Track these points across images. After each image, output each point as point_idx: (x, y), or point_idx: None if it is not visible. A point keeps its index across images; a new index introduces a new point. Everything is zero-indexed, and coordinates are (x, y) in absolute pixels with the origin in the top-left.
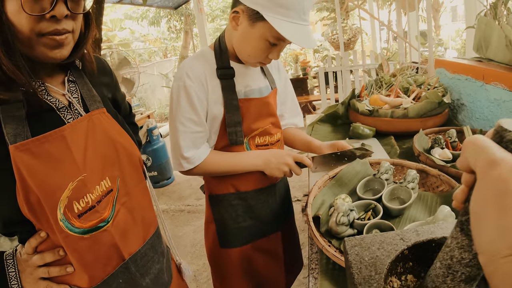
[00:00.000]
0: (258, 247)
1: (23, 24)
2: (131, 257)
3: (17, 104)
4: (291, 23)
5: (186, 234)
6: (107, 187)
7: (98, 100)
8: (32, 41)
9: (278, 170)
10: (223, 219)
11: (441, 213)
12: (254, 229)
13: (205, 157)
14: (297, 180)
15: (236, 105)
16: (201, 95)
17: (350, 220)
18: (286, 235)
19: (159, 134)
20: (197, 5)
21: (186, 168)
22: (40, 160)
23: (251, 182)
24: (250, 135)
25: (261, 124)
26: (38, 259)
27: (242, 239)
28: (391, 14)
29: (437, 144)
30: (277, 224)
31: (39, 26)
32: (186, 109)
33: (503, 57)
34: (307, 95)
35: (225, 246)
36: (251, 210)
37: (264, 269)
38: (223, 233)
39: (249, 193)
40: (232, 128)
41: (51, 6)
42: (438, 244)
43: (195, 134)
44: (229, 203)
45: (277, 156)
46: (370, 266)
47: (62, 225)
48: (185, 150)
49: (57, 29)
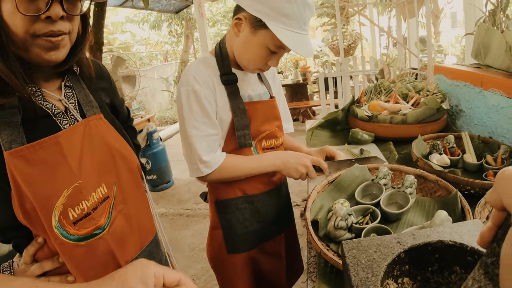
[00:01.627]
0: (264, 250)
1: (18, 25)
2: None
3: (12, 110)
4: (292, 32)
5: (184, 238)
6: (103, 194)
7: (95, 106)
8: (27, 43)
9: (295, 171)
10: (231, 224)
11: (438, 218)
12: (260, 232)
13: (222, 160)
14: (296, 185)
15: (243, 109)
16: (210, 98)
17: (348, 225)
18: (288, 236)
19: (159, 138)
20: (198, 9)
21: (205, 173)
22: (35, 167)
23: (258, 185)
24: (258, 138)
25: (268, 127)
26: (37, 268)
27: (250, 243)
28: (391, 20)
29: (435, 150)
30: (281, 226)
31: (34, 27)
32: (198, 112)
33: (501, 63)
34: (307, 101)
35: (233, 252)
36: (258, 213)
37: (269, 272)
38: (231, 239)
39: (256, 196)
40: (240, 131)
41: (46, 7)
42: (434, 247)
43: (211, 137)
44: (236, 207)
45: (296, 157)
46: (367, 268)
47: (57, 232)
48: (203, 154)
49: (52, 31)
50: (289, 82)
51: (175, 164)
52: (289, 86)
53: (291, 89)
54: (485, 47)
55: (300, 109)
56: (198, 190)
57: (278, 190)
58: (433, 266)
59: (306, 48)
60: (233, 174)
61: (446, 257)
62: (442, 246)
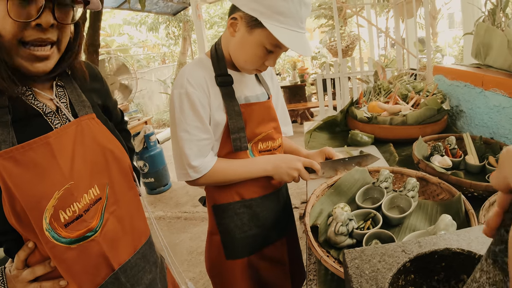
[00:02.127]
0: (264, 256)
1: (7, 30)
2: (120, 267)
3: (2, 110)
4: (289, 30)
5: (182, 241)
6: (95, 195)
7: (87, 106)
8: (12, 51)
9: (287, 175)
10: (229, 229)
11: (442, 222)
12: (260, 237)
13: (212, 165)
14: (294, 187)
15: (238, 111)
16: (204, 102)
17: (349, 230)
18: (290, 241)
19: (156, 140)
20: (196, 11)
21: (193, 177)
22: (24, 168)
23: (256, 189)
24: (253, 141)
25: (264, 129)
26: (28, 273)
27: (249, 249)
28: (389, 21)
29: (437, 151)
30: (282, 230)
31: (23, 33)
32: (190, 116)
33: (503, 62)
34: (305, 102)
35: (231, 258)
36: (257, 217)
37: (271, 279)
38: (229, 244)
39: (254, 200)
40: (235, 134)
41: (37, 14)
42: (440, 255)
43: (201, 142)
44: (234, 211)
45: (286, 161)
46: (371, 280)
47: (48, 235)
48: (192, 159)
49: (41, 38)
50: (287, 83)
51: (172, 167)
52: (287, 87)
53: (289, 90)
54: (485, 47)
55: (298, 111)
56: (195, 193)
57: (277, 194)
58: (440, 275)
59: (304, 46)
60: (222, 179)
61: (453, 265)
62: (449, 254)
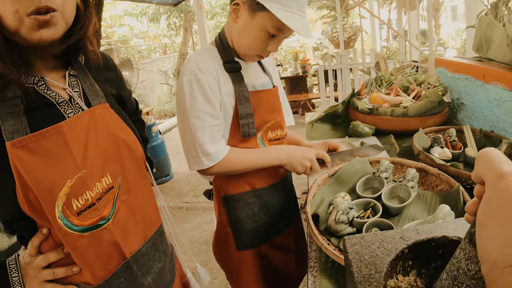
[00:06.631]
0: (274, 244)
1: (7, 8)
2: (132, 256)
3: (15, 100)
4: (291, 12)
5: (184, 231)
6: (107, 184)
7: (101, 95)
8: (15, 26)
9: (301, 165)
10: (240, 220)
11: (440, 212)
12: (270, 226)
13: (225, 153)
14: (295, 178)
15: (247, 97)
16: (214, 87)
17: (350, 218)
18: (296, 229)
19: (158, 131)
20: (197, 2)
21: (207, 165)
22: (37, 157)
23: (265, 179)
24: (263, 129)
25: (273, 116)
26: (42, 259)
27: (260, 238)
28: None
29: (437, 143)
30: (289, 219)
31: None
32: (202, 102)
33: (503, 57)
34: (306, 93)
35: (243, 248)
36: (266, 207)
37: (280, 267)
38: (240, 235)
39: (264, 190)
40: (244, 120)
41: None
42: (438, 243)
43: (214, 128)
44: (245, 202)
45: (301, 151)
46: (370, 264)
47: (60, 223)
48: (208, 146)
49: (39, 7)
50: (289, 74)
51: (174, 157)
52: (288, 78)
53: (291, 81)
54: (487, 40)
55: (300, 102)
56: (197, 183)
57: (285, 183)
58: (437, 262)
59: (306, 28)
60: (235, 168)
61: (450, 253)
62: (446, 241)
